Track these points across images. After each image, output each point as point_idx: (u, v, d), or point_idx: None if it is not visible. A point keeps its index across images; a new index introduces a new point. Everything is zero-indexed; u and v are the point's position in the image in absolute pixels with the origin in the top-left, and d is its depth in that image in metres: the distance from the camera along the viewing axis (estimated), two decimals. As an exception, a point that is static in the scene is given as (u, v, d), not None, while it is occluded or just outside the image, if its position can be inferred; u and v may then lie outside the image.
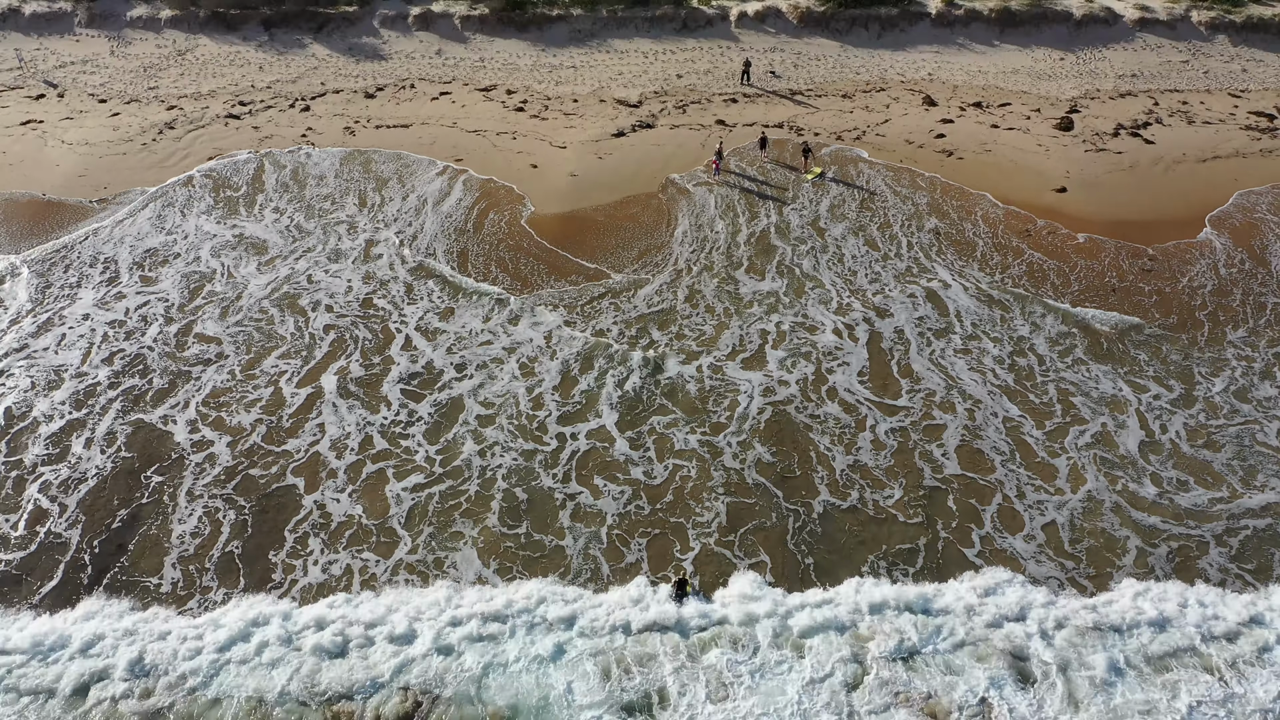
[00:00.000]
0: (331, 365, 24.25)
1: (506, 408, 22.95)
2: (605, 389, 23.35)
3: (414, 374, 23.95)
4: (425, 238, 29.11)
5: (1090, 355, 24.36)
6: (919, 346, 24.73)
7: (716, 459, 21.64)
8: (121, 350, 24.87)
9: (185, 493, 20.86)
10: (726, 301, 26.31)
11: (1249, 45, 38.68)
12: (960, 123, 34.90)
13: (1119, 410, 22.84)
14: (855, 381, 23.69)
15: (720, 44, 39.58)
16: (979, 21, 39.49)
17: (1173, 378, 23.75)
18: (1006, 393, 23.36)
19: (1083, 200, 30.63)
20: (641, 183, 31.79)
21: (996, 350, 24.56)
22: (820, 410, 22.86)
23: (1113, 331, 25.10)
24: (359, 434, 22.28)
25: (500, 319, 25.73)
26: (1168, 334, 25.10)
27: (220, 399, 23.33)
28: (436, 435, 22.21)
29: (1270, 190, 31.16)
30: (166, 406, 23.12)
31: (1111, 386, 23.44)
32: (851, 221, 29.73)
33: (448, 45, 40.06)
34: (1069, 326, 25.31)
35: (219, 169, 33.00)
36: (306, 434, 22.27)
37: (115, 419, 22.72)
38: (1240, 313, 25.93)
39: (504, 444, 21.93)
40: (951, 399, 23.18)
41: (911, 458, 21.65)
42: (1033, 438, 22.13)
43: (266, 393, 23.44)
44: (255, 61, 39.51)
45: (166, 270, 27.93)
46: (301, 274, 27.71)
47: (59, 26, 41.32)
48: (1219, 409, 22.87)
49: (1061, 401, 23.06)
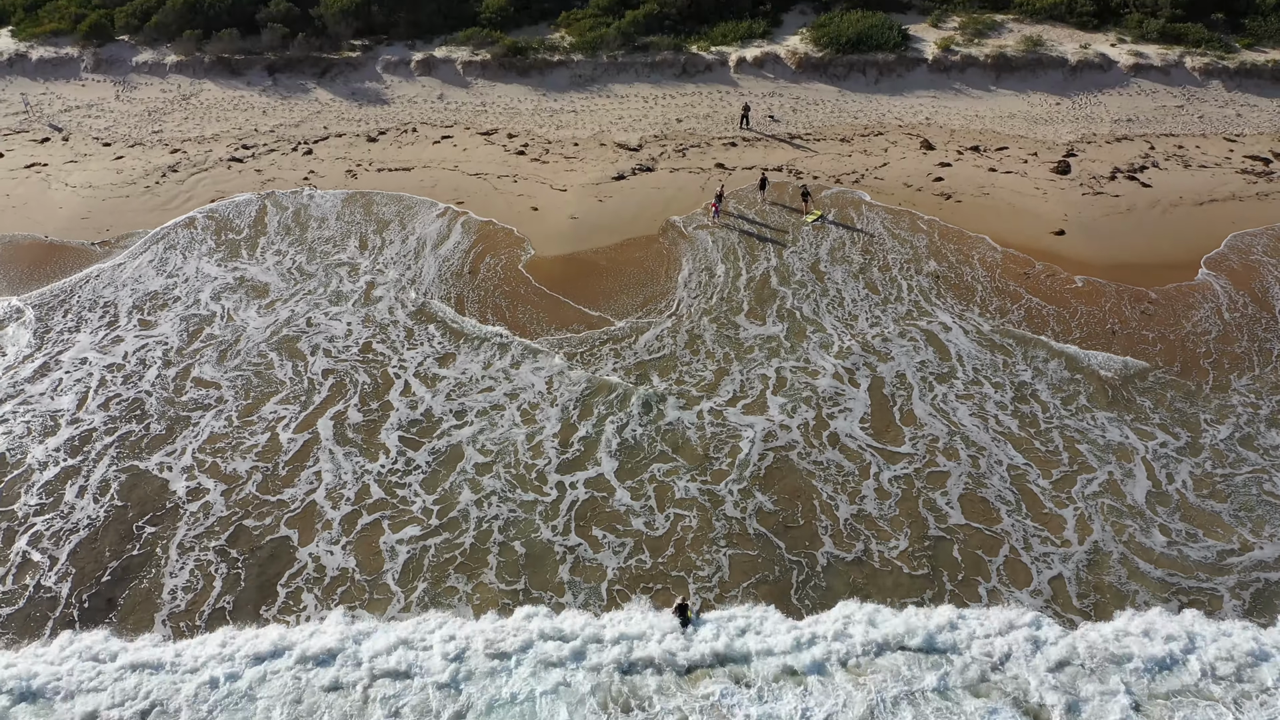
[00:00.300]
0: (330, 410, 24.05)
1: (505, 455, 22.69)
2: (605, 435, 23.13)
3: (413, 421, 23.74)
4: (426, 281, 29.10)
5: (1094, 403, 24.17)
6: (921, 391, 24.56)
7: (718, 508, 21.34)
8: (119, 395, 24.70)
9: (177, 545, 20.50)
10: (727, 346, 26.19)
11: (1243, 90, 39.12)
12: (958, 166, 35.14)
13: (1125, 458, 22.59)
14: (857, 427, 23.47)
15: (719, 89, 40.02)
16: (975, 67, 39.98)
17: (1178, 425, 23.54)
18: (1010, 439, 23.13)
19: (1081, 243, 30.70)
20: (642, 225, 31.89)
21: (998, 396, 24.39)
22: (823, 456, 22.62)
23: (1116, 378, 24.95)
24: (355, 483, 21.99)
25: (502, 364, 25.60)
26: (1172, 379, 24.95)
27: (217, 445, 23.09)
28: (434, 484, 21.92)
29: (1264, 232, 31.29)
30: (162, 453, 22.87)
31: (1119, 434, 23.20)
32: (851, 264, 29.75)
33: (450, 90, 40.51)
34: (1072, 372, 25.16)
35: (220, 210, 33.15)
36: (303, 482, 21.99)
37: (110, 466, 22.46)
38: (1242, 356, 25.79)
39: (502, 493, 21.64)
40: (954, 445, 22.94)
41: (915, 506, 21.35)
42: (1038, 487, 21.84)
43: (263, 439, 23.21)
44: (259, 106, 39.91)
45: (166, 314, 27.87)
46: (301, 316, 27.64)
47: (65, 71, 41.83)
48: (1225, 457, 22.64)
49: (1068, 449, 22.81)
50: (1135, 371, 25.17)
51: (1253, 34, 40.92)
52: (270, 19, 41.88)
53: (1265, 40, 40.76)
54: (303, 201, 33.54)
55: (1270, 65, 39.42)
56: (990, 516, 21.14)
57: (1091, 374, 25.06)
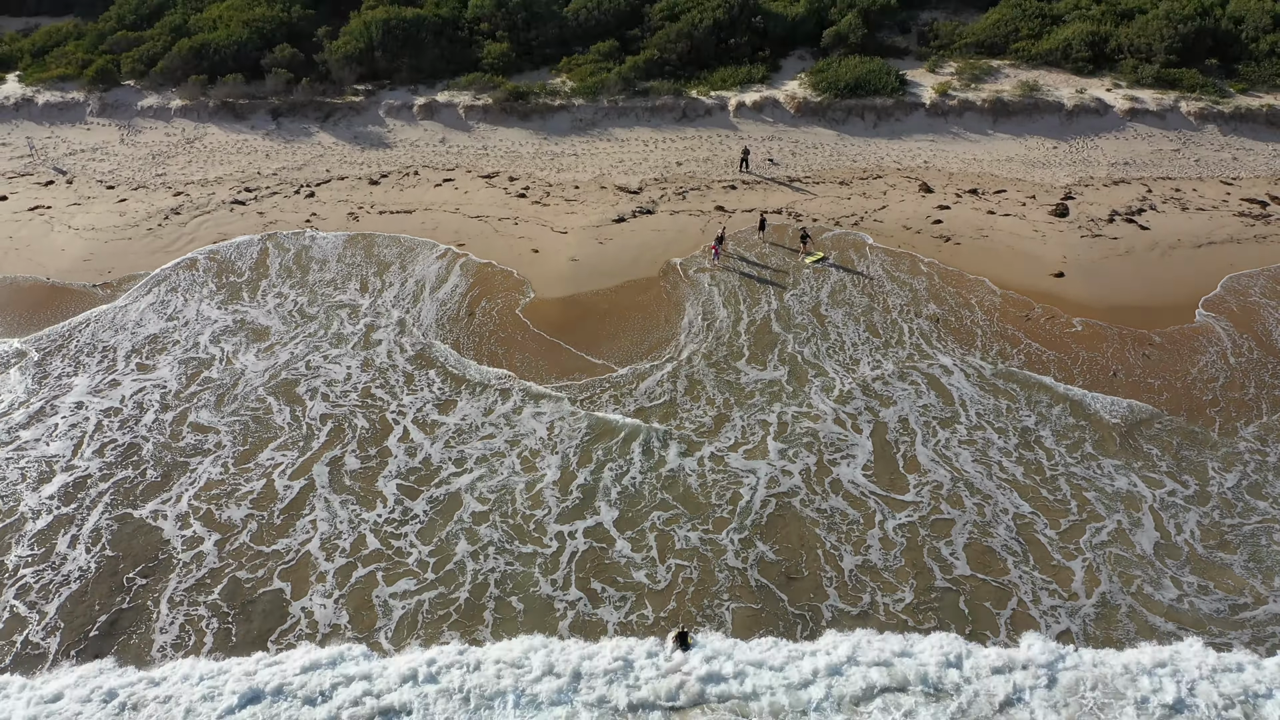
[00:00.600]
0: (327, 455, 23.81)
1: (504, 503, 22.39)
2: (604, 482, 22.85)
3: (411, 469, 23.47)
4: (426, 323, 29.04)
5: (1101, 449, 23.91)
6: (924, 437, 24.33)
7: (719, 558, 20.99)
8: (114, 440, 24.48)
9: (168, 598, 20.12)
10: (728, 392, 26.01)
11: (1238, 135, 39.45)
12: (957, 209, 35.28)
13: (1133, 507, 22.27)
14: (860, 474, 23.20)
15: (719, 132, 40.38)
16: (972, 111, 40.38)
17: (1186, 472, 23.26)
18: (1016, 487, 22.84)
19: (1081, 285, 30.69)
20: (642, 267, 31.93)
21: (1002, 442, 24.14)
22: (826, 504, 22.32)
23: (1122, 423, 24.72)
24: (351, 533, 21.67)
25: (503, 409, 25.39)
26: (1178, 425, 24.72)
27: (212, 492, 22.80)
28: (430, 534, 21.59)
29: (1260, 273, 31.33)
30: (157, 501, 22.59)
31: (1126, 482, 22.92)
32: (852, 307, 29.69)
33: (452, 134, 40.87)
34: (1077, 418, 24.94)
35: (221, 251, 33.23)
36: (298, 532, 21.66)
37: (103, 514, 22.16)
38: (1243, 400, 25.60)
39: (499, 544, 21.30)
40: (959, 492, 22.65)
41: (920, 556, 20.99)
42: (1045, 537, 21.51)
43: (259, 485, 22.94)
44: (262, 149, 40.24)
45: (164, 357, 27.75)
46: (300, 359, 27.52)
47: (71, 116, 42.27)
48: (1233, 506, 22.32)
49: (1075, 497, 22.51)
50: (1141, 417, 24.97)
51: (1246, 79, 41.41)
52: (275, 64, 42.42)
53: (1259, 85, 41.21)
54: (304, 243, 33.63)
55: (1265, 110, 39.81)
56: (997, 567, 20.77)
57: (1097, 419, 24.85)
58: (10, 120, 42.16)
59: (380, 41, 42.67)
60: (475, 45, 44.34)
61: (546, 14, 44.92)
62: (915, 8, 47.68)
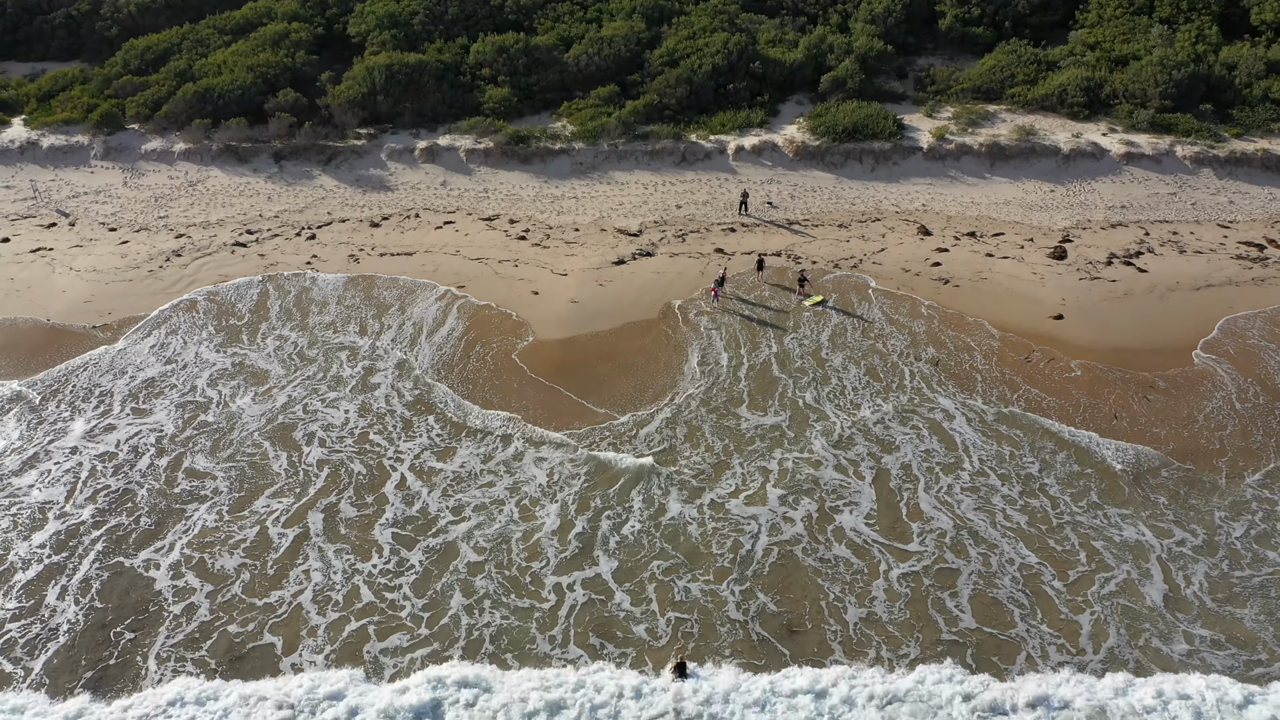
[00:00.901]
0: (322, 502, 23.51)
1: (500, 554, 22.04)
2: (602, 530, 22.52)
3: (408, 517, 23.15)
4: (424, 366, 28.91)
5: (1107, 499, 23.61)
6: (927, 483, 24.07)
7: (720, 610, 20.60)
8: (108, 486, 24.20)
9: (156, 654, 19.70)
10: (728, 438, 25.79)
11: (1234, 178, 39.73)
12: (955, 251, 35.40)
13: (1141, 558, 21.92)
14: (863, 522, 22.89)
15: (718, 176, 40.67)
16: (970, 155, 40.72)
17: (1194, 521, 22.94)
18: (1022, 536, 22.51)
19: (1080, 327, 30.67)
20: (642, 309, 31.92)
21: (1006, 489, 23.87)
22: (829, 553, 21.99)
23: (1128, 470, 24.45)
24: (345, 584, 21.29)
25: (503, 456, 25.12)
26: (1183, 471, 24.45)
27: (206, 540, 22.49)
28: (425, 586, 21.18)
29: (1257, 315, 31.36)
30: (150, 549, 22.27)
31: (1134, 532, 22.59)
32: (852, 350, 29.60)
33: (453, 177, 41.17)
34: (1082, 465, 24.68)
35: (221, 292, 33.24)
36: (291, 583, 21.30)
37: (95, 564, 21.80)
38: (1244, 444, 25.38)
39: (495, 596, 20.90)
40: (963, 541, 22.32)
41: (925, 608, 20.61)
42: (1052, 588, 21.13)
43: (253, 533, 22.62)
44: (264, 192, 40.50)
45: (161, 400, 27.57)
46: (298, 402, 27.34)
47: (75, 159, 42.60)
48: (1242, 557, 21.98)
49: (1084, 547, 22.16)
50: (1148, 465, 24.72)
51: (1241, 124, 41.83)
52: (278, 108, 42.88)
53: (1253, 130, 41.62)
54: (304, 285, 33.65)
55: (1260, 154, 40.14)
56: (1003, 620, 20.38)
57: (1102, 466, 24.59)
58: (14, 163, 42.49)
59: (383, 86, 43.20)
60: (477, 90, 44.87)
61: (547, 60, 45.53)
62: (911, 54, 48.36)
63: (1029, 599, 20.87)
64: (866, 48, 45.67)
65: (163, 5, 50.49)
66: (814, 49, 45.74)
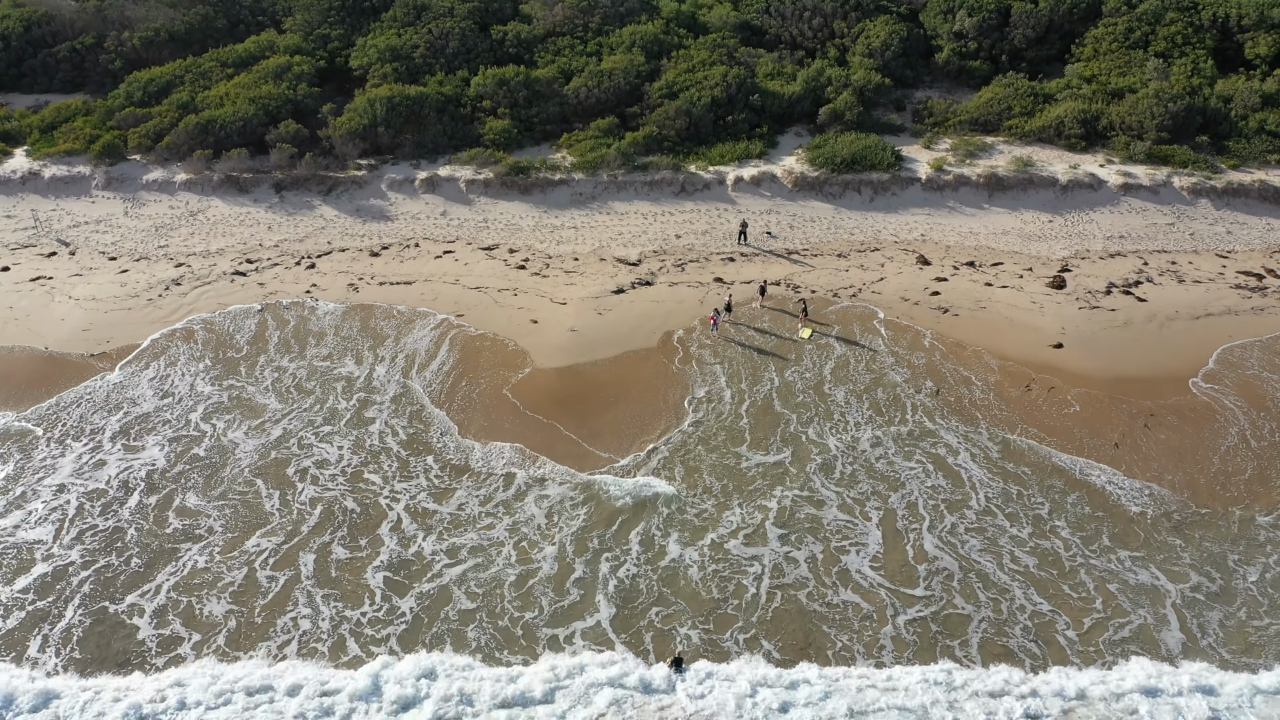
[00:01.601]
0: (315, 542, 23.10)
1: (492, 601, 21.48)
2: (601, 572, 22.04)
3: (403, 561, 22.70)
4: (421, 398, 28.67)
5: (1120, 543, 23.20)
6: (932, 522, 23.68)
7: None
8: (96, 526, 23.81)
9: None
10: (727, 478, 25.40)
11: (1231, 209, 39.89)
12: (954, 281, 35.38)
13: (1157, 603, 21.47)
14: (868, 565, 22.46)
15: (717, 206, 40.82)
16: (968, 186, 40.92)
17: (1208, 564, 22.50)
18: (1033, 583, 22.04)
19: (1080, 356, 30.55)
20: (641, 338, 31.80)
21: (1015, 530, 23.45)
22: (836, 598, 21.51)
23: (1140, 513, 24.04)
24: (331, 636, 20.77)
25: (502, 497, 24.69)
26: (1191, 507, 24.10)
27: (194, 583, 22.04)
28: (413, 640, 20.64)
29: (1254, 344, 31.33)
30: (137, 593, 21.81)
31: (1149, 577, 22.16)
32: (854, 383, 29.38)
33: (452, 207, 41.32)
34: (1094, 508, 24.28)
35: (218, 321, 33.12)
36: (278, 633, 20.77)
37: (79, 610, 21.26)
38: (1250, 473, 25.10)
39: (487, 652, 20.35)
40: (971, 584, 21.86)
41: (934, 655, 20.10)
42: (1065, 638, 20.64)
43: (241, 575, 22.16)
44: (264, 221, 40.60)
45: (152, 438, 27.28)
46: (293, 436, 27.05)
47: (76, 189, 42.77)
48: (1259, 604, 21.56)
49: (1100, 591, 21.72)
50: (1162, 512, 24.27)
51: (1237, 155, 42.10)
52: (279, 139, 43.17)
53: (1250, 161, 41.89)
54: (303, 314, 33.55)
55: (1257, 185, 40.35)
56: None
57: (1117, 509, 24.19)
58: (16, 193, 42.65)
59: (384, 118, 43.54)
60: (477, 121, 45.23)
61: (547, 92, 45.96)
62: (909, 87, 48.86)
63: (1042, 650, 20.34)
64: (864, 80, 46.13)
65: (166, 39, 51.09)
66: (812, 82, 46.20)
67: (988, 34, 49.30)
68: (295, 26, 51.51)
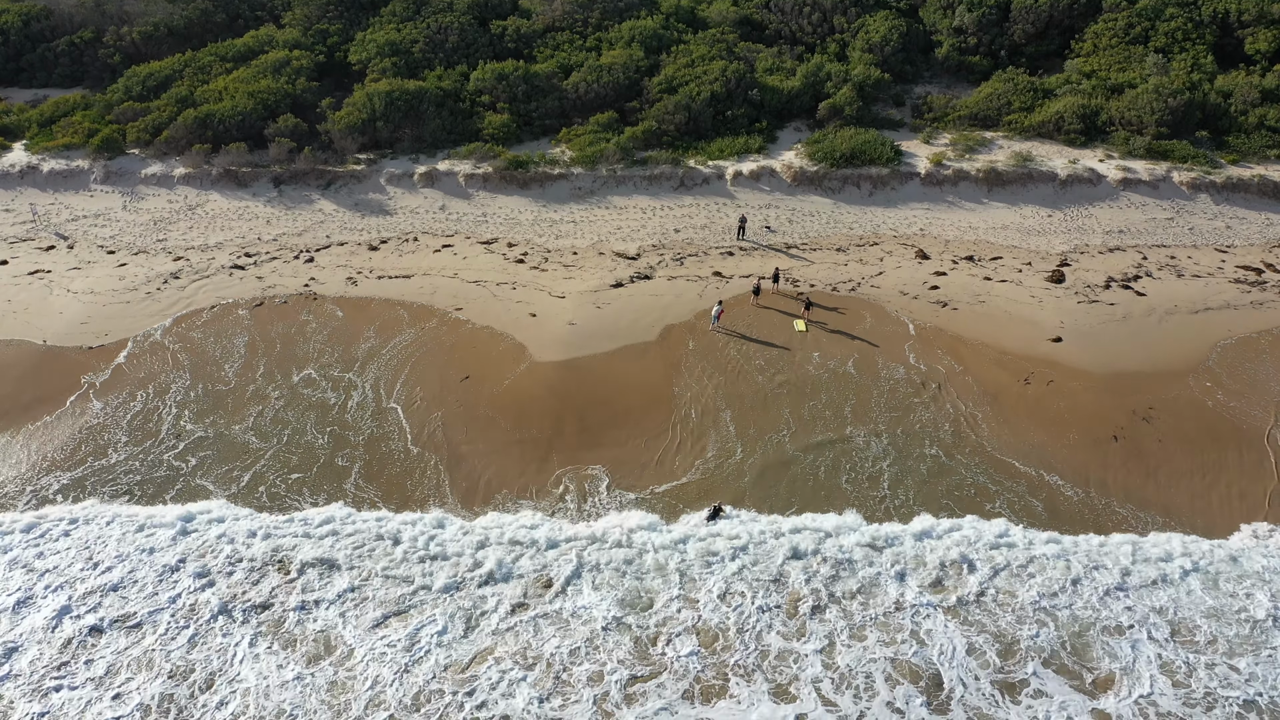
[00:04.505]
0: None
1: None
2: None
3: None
4: (419, 409, 28.66)
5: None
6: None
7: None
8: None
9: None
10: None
11: (1230, 204, 39.86)
12: (954, 275, 35.34)
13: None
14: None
15: (717, 201, 40.78)
16: (967, 181, 40.88)
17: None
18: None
19: (1078, 350, 30.53)
20: (639, 332, 31.77)
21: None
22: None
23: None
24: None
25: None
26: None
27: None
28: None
29: (1255, 337, 31.31)
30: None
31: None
32: (855, 402, 29.20)
33: (451, 201, 41.27)
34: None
35: (198, 338, 33.07)
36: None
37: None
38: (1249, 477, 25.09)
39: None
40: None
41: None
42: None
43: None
44: (263, 215, 40.56)
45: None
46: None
47: (75, 183, 42.73)
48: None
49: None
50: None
51: (1237, 150, 42.08)
52: (278, 134, 43.12)
53: (1249, 156, 41.87)
54: (301, 317, 33.51)
55: (1256, 180, 40.32)
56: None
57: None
58: (14, 187, 42.58)
59: (383, 113, 43.49)
60: (476, 116, 45.18)
61: (547, 87, 45.92)
62: (908, 82, 48.84)
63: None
64: (864, 76, 46.12)
65: (165, 34, 51.07)
66: (812, 77, 46.18)
67: (987, 29, 49.30)
68: (294, 21, 51.52)
